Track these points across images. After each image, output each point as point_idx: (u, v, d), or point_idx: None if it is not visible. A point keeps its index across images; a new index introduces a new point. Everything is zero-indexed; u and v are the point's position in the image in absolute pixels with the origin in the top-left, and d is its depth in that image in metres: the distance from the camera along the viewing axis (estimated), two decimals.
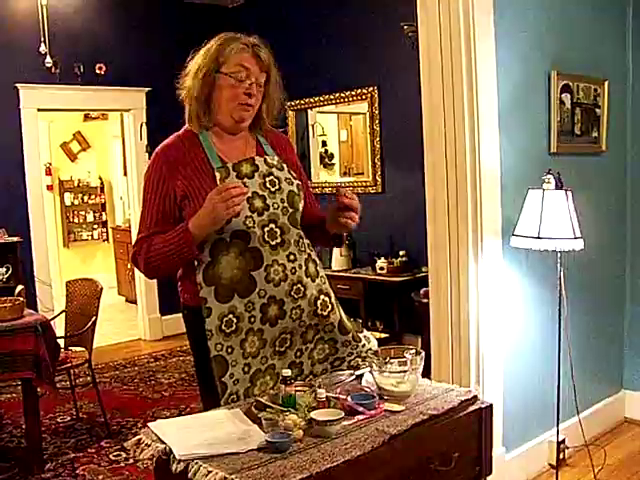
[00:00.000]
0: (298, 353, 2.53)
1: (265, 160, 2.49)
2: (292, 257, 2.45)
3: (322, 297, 2.51)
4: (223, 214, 2.24)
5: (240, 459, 1.86)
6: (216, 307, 2.39)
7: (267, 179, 2.45)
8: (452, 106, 3.56)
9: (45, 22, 6.78)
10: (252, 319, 2.41)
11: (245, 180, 2.40)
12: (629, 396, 4.82)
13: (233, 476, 1.75)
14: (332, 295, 2.58)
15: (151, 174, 2.47)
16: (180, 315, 2.61)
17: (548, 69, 3.93)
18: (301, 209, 2.53)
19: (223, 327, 2.39)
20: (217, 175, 2.39)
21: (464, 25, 3.46)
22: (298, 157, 2.79)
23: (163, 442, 1.97)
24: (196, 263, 2.42)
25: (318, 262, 2.59)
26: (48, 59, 6.78)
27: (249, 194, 2.37)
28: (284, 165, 2.53)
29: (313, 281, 2.50)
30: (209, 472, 1.80)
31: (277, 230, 2.42)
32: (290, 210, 2.47)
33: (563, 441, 4.03)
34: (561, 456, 4.01)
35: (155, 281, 7.77)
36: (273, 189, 2.45)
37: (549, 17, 3.93)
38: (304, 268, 2.48)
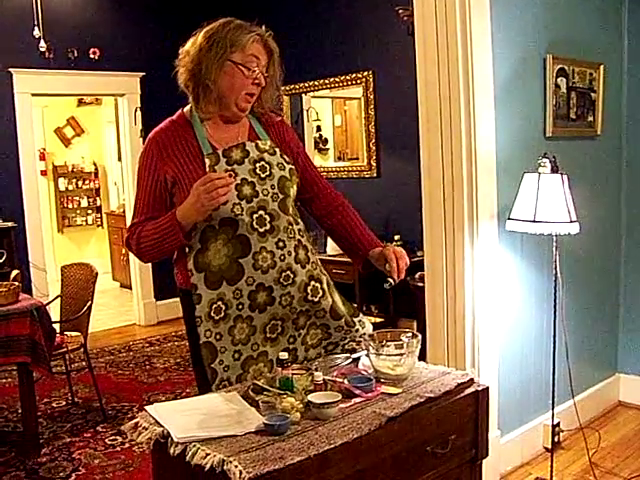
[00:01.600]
0: (291, 339, 2.52)
1: (257, 145, 2.47)
2: (281, 244, 2.43)
3: (312, 283, 2.49)
4: (207, 205, 2.23)
5: (238, 441, 1.86)
6: (206, 294, 2.39)
7: (257, 165, 2.43)
8: (448, 90, 3.55)
9: (39, 6, 6.74)
10: (240, 306, 2.41)
11: (235, 166, 2.39)
12: (623, 379, 4.84)
13: (231, 458, 1.75)
14: (324, 281, 2.55)
15: (143, 160, 2.47)
16: (175, 300, 2.61)
17: (544, 53, 3.93)
18: (292, 195, 2.51)
19: (212, 314, 2.39)
20: (207, 161, 2.37)
21: (460, 9, 3.45)
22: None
23: (161, 425, 1.97)
24: (187, 249, 2.42)
25: (309, 248, 2.56)
26: (42, 43, 6.73)
27: (238, 181, 2.36)
28: (276, 150, 2.51)
29: (303, 267, 2.48)
30: (207, 454, 1.80)
31: (266, 217, 2.40)
32: (280, 196, 2.45)
33: (558, 424, 4.06)
34: (556, 439, 4.04)
35: (150, 266, 7.79)
36: (263, 175, 2.43)
37: (545, 1, 3.92)
38: (293, 255, 2.46)
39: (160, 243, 2.38)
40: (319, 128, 7.66)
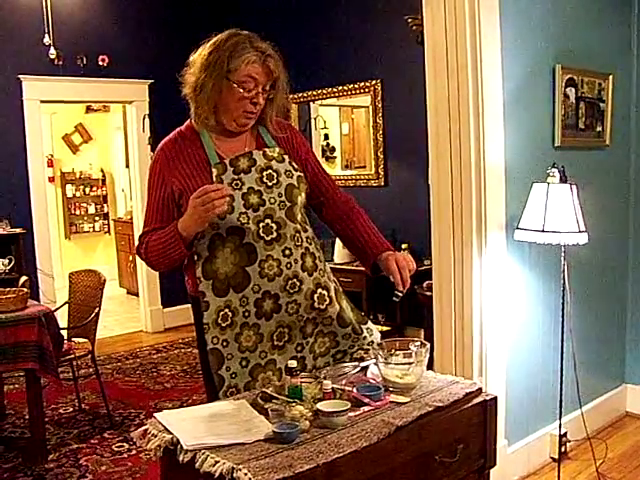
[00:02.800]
0: (299, 347, 2.52)
1: (264, 153, 2.47)
2: (287, 252, 2.43)
3: (320, 291, 2.49)
4: (204, 217, 2.24)
5: (247, 449, 1.86)
6: (213, 301, 2.41)
7: (264, 173, 2.43)
8: (457, 100, 3.55)
9: (49, 13, 6.78)
10: (246, 313, 2.41)
11: (241, 175, 2.40)
12: (631, 390, 4.83)
13: (240, 466, 1.75)
14: (331, 288, 2.55)
15: (152, 171, 2.49)
16: (181, 307, 2.62)
17: (553, 63, 3.93)
18: (300, 202, 2.51)
19: (219, 321, 2.41)
20: (214, 171, 2.38)
21: (469, 18, 3.45)
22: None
23: (170, 432, 1.98)
24: (196, 257, 2.43)
25: (317, 255, 2.56)
26: (52, 50, 6.78)
27: (244, 190, 2.38)
28: (285, 157, 2.51)
29: (310, 275, 2.48)
30: (216, 462, 1.80)
31: (273, 225, 2.41)
32: (288, 204, 2.45)
33: (565, 434, 4.04)
34: (563, 449, 4.02)
35: (157, 273, 7.78)
36: (270, 183, 2.43)
37: (554, 11, 3.93)
38: (300, 262, 2.46)
39: (164, 253, 2.40)
40: (327, 136, 7.68)
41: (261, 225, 2.39)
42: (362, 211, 2.71)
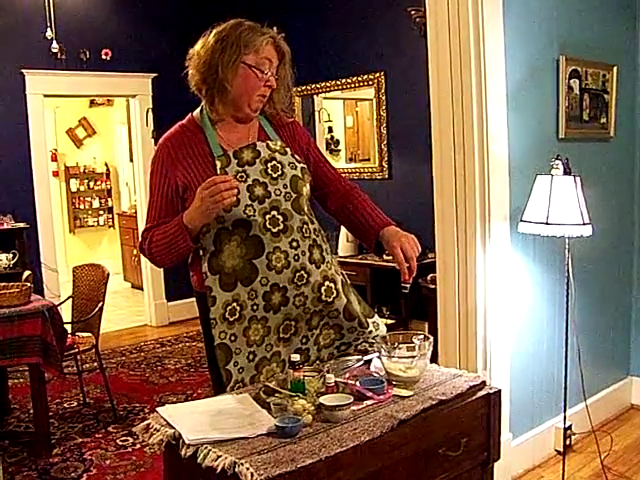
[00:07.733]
0: (304, 340, 2.52)
1: (267, 145, 2.46)
2: (295, 244, 2.42)
3: (327, 283, 2.49)
4: (211, 209, 2.23)
5: (249, 444, 1.86)
6: (220, 296, 2.39)
7: (269, 165, 2.42)
8: (460, 92, 3.54)
9: (51, 7, 6.77)
10: (255, 307, 2.40)
11: (246, 167, 2.38)
12: (636, 382, 4.81)
13: (242, 460, 1.75)
14: (338, 281, 2.55)
15: (154, 166, 2.47)
16: (186, 301, 2.61)
17: (556, 54, 3.91)
18: (306, 194, 2.50)
19: (227, 315, 2.39)
20: (218, 164, 2.37)
21: (472, 10, 3.44)
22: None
23: (172, 427, 1.97)
24: (201, 252, 2.42)
25: (324, 247, 2.55)
26: (54, 45, 6.78)
27: (249, 182, 2.36)
28: (287, 149, 2.50)
29: (318, 267, 2.47)
30: (218, 456, 1.80)
31: (279, 217, 2.40)
32: (293, 195, 2.44)
33: (570, 427, 4.04)
34: (568, 442, 4.01)
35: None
36: (275, 175, 2.42)
37: (558, 1, 3.91)
38: (308, 255, 2.45)
39: (169, 248, 2.39)
40: (331, 129, 7.66)
41: (267, 217, 2.37)
42: (363, 194, 2.70)
